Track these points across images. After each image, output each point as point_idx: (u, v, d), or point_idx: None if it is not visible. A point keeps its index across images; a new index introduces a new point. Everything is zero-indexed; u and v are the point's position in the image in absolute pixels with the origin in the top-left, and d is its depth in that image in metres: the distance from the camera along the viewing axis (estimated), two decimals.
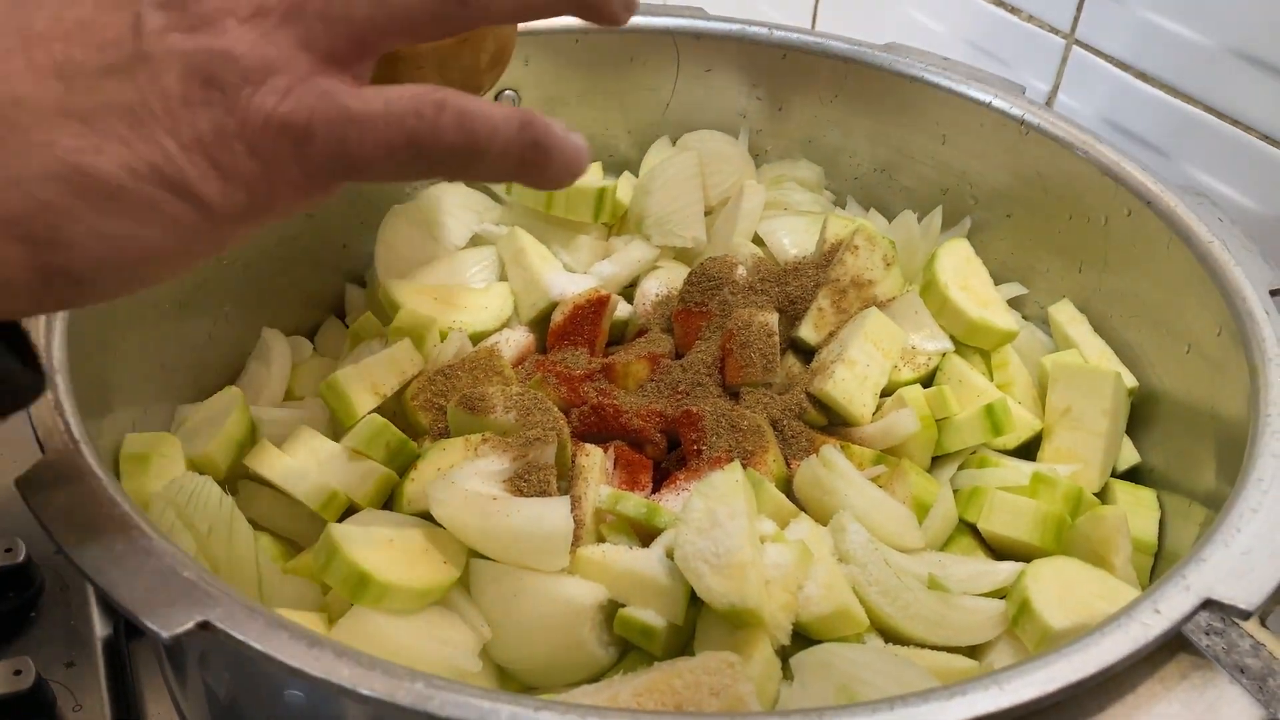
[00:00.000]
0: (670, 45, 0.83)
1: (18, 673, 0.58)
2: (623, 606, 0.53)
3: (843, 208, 0.87)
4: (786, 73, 0.84)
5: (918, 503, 0.63)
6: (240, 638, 0.40)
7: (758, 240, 0.80)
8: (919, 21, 1.01)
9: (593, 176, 0.83)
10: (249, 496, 0.62)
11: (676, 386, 0.67)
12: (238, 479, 0.63)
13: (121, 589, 0.42)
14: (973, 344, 0.74)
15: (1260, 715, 0.44)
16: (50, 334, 0.55)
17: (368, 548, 0.52)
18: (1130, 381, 0.70)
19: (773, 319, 0.69)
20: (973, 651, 0.57)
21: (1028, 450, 0.70)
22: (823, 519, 0.60)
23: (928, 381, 0.72)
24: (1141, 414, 0.71)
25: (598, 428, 0.64)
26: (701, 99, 0.86)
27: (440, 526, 0.55)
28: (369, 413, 0.63)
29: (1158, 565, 0.64)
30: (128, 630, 0.64)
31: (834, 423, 0.68)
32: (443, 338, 0.69)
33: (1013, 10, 0.90)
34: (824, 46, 0.83)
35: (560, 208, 0.77)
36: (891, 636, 0.56)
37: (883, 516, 0.61)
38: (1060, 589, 0.56)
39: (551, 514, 0.53)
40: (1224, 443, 0.60)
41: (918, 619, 0.55)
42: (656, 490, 0.62)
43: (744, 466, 0.60)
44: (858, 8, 1.08)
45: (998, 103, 0.78)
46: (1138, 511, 0.65)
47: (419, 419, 0.64)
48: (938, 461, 0.69)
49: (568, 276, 0.76)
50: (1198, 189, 0.72)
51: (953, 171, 0.82)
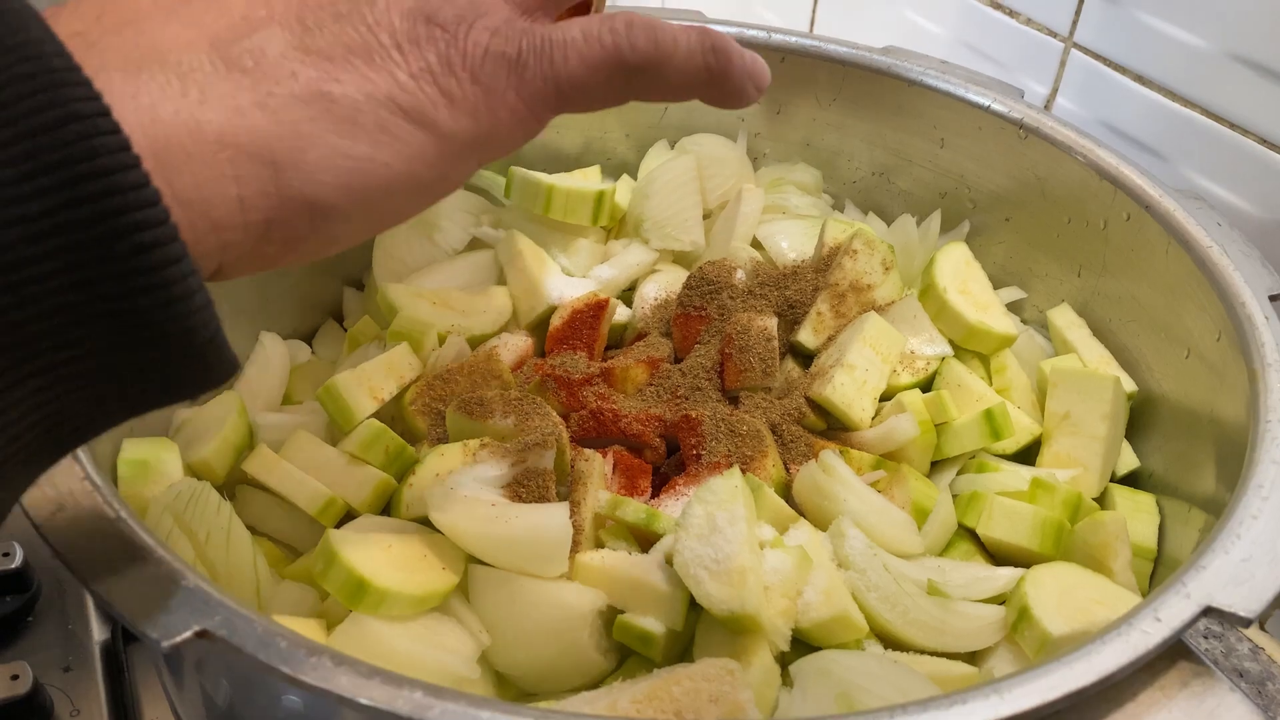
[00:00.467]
0: None
1: (15, 678, 0.58)
2: (622, 612, 0.53)
3: (841, 211, 0.87)
4: (785, 76, 0.83)
5: (917, 508, 0.63)
6: (238, 646, 0.40)
7: (756, 244, 0.80)
8: (917, 25, 1.01)
9: (591, 180, 0.83)
10: (247, 502, 0.61)
11: (675, 391, 0.67)
12: (236, 484, 0.62)
13: (119, 597, 0.42)
14: (972, 348, 0.73)
15: None
16: None
17: (366, 553, 0.52)
18: (1130, 386, 0.70)
19: (772, 323, 0.69)
20: (972, 657, 0.56)
21: (1027, 455, 0.70)
22: (822, 524, 0.60)
23: (927, 386, 0.71)
24: (1141, 419, 0.71)
25: (597, 432, 0.64)
26: (699, 102, 0.86)
27: (439, 532, 0.54)
28: (367, 417, 0.62)
29: (1157, 570, 0.64)
30: (125, 635, 0.64)
31: (833, 427, 0.68)
32: (441, 342, 0.69)
33: (1011, 14, 0.90)
34: (822, 50, 0.83)
35: (558, 211, 0.77)
36: (891, 642, 0.56)
37: (882, 522, 0.60)
38: (1059, 594, 0.56)
39: (550, 519, 0.53)
40: (1224, 448, 0.60)
41: (917, 625, 0.55)
42: (656, 495, 0.62)
43: (743, 471, 0.60)
44: (856, 11, 1.08)
45: (996, 106, 0.78)
46: (1137, 517, 0.65)
47: (417, 423, 0.64)
48: (937, 466, 0.69)
49: (566, 280, 0.75)
50: (1196, 193, 0.72)
51: (951, 175, 0.82)
